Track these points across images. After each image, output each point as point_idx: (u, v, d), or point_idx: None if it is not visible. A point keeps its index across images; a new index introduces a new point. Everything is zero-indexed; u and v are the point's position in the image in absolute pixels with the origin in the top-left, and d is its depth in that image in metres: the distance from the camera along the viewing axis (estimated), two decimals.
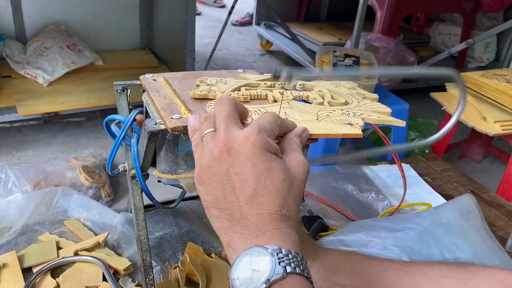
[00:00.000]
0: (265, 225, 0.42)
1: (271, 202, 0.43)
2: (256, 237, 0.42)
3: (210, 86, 0.68)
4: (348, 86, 0.77)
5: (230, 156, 0.45)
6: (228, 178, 0.44)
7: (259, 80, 0.73)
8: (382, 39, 2.80)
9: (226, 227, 0.44)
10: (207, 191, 0.46)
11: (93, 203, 1.00)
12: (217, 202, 0.45)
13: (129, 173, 0.73)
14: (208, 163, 0.46)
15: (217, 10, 5.09)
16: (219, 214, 0.45)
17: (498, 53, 3.37)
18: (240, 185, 0.44)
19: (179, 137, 0.67)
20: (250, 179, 0.44)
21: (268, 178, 0.44)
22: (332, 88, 0.74)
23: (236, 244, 0.42)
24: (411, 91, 2.91)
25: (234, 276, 0.40)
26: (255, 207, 0.43)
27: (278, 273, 0.39)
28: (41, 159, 2.01)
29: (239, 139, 0.45)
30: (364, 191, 1.17)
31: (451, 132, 2.04)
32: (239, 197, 0.43)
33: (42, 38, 2.41)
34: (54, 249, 0.86)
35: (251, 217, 0.43)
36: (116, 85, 0.78)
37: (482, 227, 0.90)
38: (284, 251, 0.40)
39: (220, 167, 0.45)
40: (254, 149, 0.45)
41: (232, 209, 0.44)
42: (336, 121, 0.62)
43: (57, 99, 2.16)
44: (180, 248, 0.90)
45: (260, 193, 0.43)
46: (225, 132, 0.46)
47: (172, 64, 2.63)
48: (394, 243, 0.79)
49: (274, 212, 0.43)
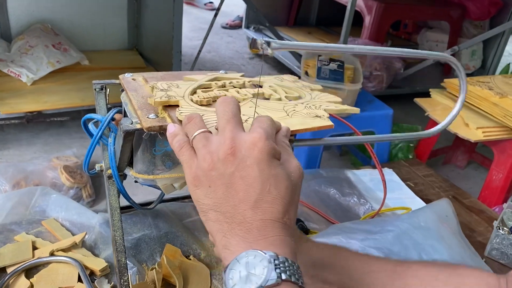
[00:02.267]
0: (267, 231, 0.43)
1: (275, 209, 0.44)
2: (256, 242, 0.42)
3: (166, 91, 0.65)
4: (291, 79, 0.77)
5: (236, 160, 0.44)
6: (233, 181, 0.44)
7: (208, 81, 0.72)
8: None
9: (224, 230, 0.43)
10: (206, 193, 0.45)
11: (72, 203, 0.99)
12: (217, 205, 0.44)
13: (106, 173, 0.72)
14: (210, 165, 0.44)
15: (207, 12, 5.08)
16: (217, 217, 0.44)
17: (484, 61, 3.41)
18: (245, 189, 0.43)
19: (156, 137, 0.66)
20: (256, 184, 0.43)
21: (273, 184, 0.44)
22: (278, 82, 0.75)
23: (234, 246, 0.42)
24: (396, 97, 2.93)
25: (229, 276, 0.40)
26: (259, 212, 0.43)
27: (273, 278, 0.39)
28: (23, 158, 1.98)
29: (246, 143, 0.45)
30: (346, 195, 1.17)
31: (435, 138, 2.06)
32: (243, 201, 0.43)
33: (28, 36, 2.39)
34: (29, 249, 0.84)
35: (254, 222, 0.43)
36: (95, 84, 0.78)
37: (458, 232, 0.91)
38: (281, 258, 0.41)
39: (225, 170, 0.44)
40: (262, 155, 0.44)
41: (233, 212, 0.43)
42: (304, 115, 0.62)
43: (40, 98, 2.13)
44: (158, 249, 0.89)
45: (265, 199, 0.43)
46: (231, 134, 0.45)
47: (159, 65, 2.61)
48: (373, 245, 0.79)
49: (276, 220, 0.43)
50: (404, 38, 3.86)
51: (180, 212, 1.01)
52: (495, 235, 0.98)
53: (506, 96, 1.69)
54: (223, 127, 0.47)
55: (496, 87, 1.77)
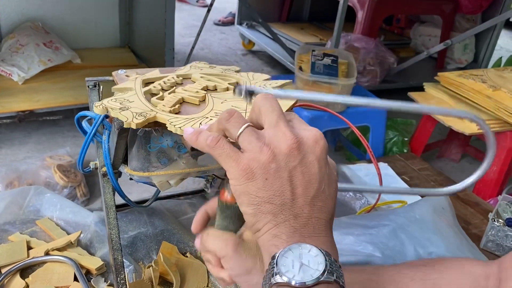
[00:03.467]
0: (321, 230, 0.43)
1: (327, 209, 0.44)
2: (310, 237, 0.42)
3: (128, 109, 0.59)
4: (206, 66, 0.79)
5: (300, 154, 0.44)
6: (294, 175, 0.43)
7: (144, 86, 0.68)
8: (362, 39, 2.82)
9: (278, 221, 0.43)
10: (261, 186, 0.43)
11: (66, 202, 0.98)
12: (273, 198, 0.43)
13: (100, 171, 0.72)
14: (270, 157, 0.43)
15: (200, 9, 5.06)
16: (272, 208, 0.43)
17: (477, 55, 3.42)
18: (305, 184, 0.43)
19: (151, 134, 0.66)
20: (315, 180, 0.44)
21: (327, 184, 0.44)
22: (206, 71, 0.75)
23: (288, 236, 0.42)
24: (390, 92, 2.94)
25: (281, 262, 0.41)
26: (315, 209, 0.43)
27: (329, 277, 0.40)
28: (15, 158, 1.96)
29: (309, 139, 0.44)
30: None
31: (429, 132, 2.07)
32: (301, 196, 0.43)
33: (18, 35, 2.36)
34: (24, 249, 0.84)
35: (311, 218, 0.43)
36: (88, 81, 0.77)
37: (455, 224, 0.91)
38: (333, 259, 0.42)
39: (286, 164, 0.43)
40: (322, 152, 0.45)
41: (291, 205, 0.43)
42: None
43: (32, 97, 2.11)
44: (155, 247, 0.88)
45: (320, 197, 0.44)
46: (289, 128, 0.45)
47: (152, 62, 2.60)
48: (368, 240, 0.79)
49: (327, 220, 0.44)
50: (397, 33, 3.86)
51: (176, 210, 1.01)
52: (491, 227, 0.99)
53: (499, 89, 1.70)
54: (276, 121, 0.45)
55: (489, 80, 1.77)
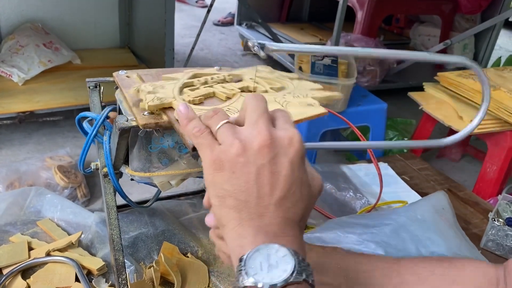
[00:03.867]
0: (288, 230, 0.43)
1: (296, 211, 0.44)
2: (276, 237, 0.42)
3: (154, 93, 0.63)
4: (266, 70, 0.77)
5: (270, 153, 0.43)
6: (261, 173, 0.43)
7: (189, 78, 0.70)
8: (362, 39, 2.82)
9: (242, 218, 0.43)
10: (227, 179, 0.44)
11: (67, 203, 0.98)
12: (238, 193, 0.43)
13: (101, 171, 0.72)
14: (239, 151, 0.43)
15: (199, 10, 5.07)
16: (237, 204, 0.43)
17: (476, 54, 3.43)
18: (272, 184, 0.43)
19: (152, 134, 0.66)
20: (285, 182, 0.43)
21: (299, 187, 0.44)
22: (257, 74, 0.74)
23: (253, 236, 0.42)
24: (390, 91, 2.94)
25: (250, 264, 0.40)
26: (282, 210, 0.43)
27: (298, 277, 0.39)
28: (15, 158, 1.97)
29: (283, 140, 0.44)
30: (342, 189, 1.17)
31: (429, 132, 2.07)
32: (268, 195, 0.43)
33: (18, 36, 2.36)
34: (25, 250, 0.84)
35: (276, 217, 0.43)
36: (89, 82, 0.77)
37: (455, 224, 0.91)
38: (301, 258, 0.41)
39: (255, 160, 0.43)
40: (296, 155, 0.44)
41: (255, 203, 0.43)
42: (297, 104, 0.61)
43: (32, 97, 2.12)
44: (156, 247, 0.88)
45: (289, 199, 0.43)
46: (266, 127, 0.45)
47: (152, 63, 2.60)
48: (370, 238, 0.80)
49: (296, 221, 0.44)
50: (396, 32, 3.86)
51: (177, 210, 1.01)
52: (491, 227, 0.99)
53: (499, 89, 1.70)
54: (256, 120, 0.46)
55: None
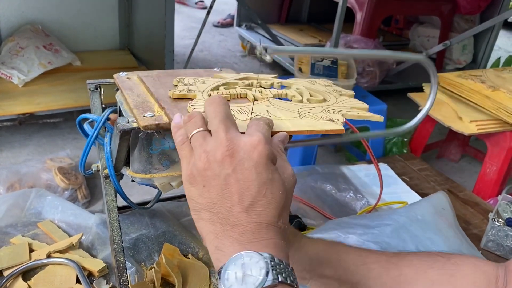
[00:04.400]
0: (262, 234, 0.43)
1: (270, 213, 0.44)
2: (250, 244, 0.42)
3: (188, 86, 0.67)
4: (324, 83, 0.77)
5: (234, 162, 0.44)
6: (228, 183, 0.43)
7: (237, 79, 0.73)
8: (361, 40, 2.82)
9: (217, 231, 0.43)
10: (200, 193, 0.44)
11: (67, 205, 0.99)
12: (211, 206, 0.44)
13: (102, 173, 0.72)
14: (205, 165, 0.44)
15: (198, 11, 5.07)
16: (210, 217, 0.44)
17: (475, 55, 3.43)
18: (240, 192, 0.43)
19: (153, 136, 0.66)
20: (253, 187, 0.43)
21: (269, 189, 0.44)
22: (309, 85, 0.74)
23: (228, 247, 0.42)
24: (390, 92, 2.94)
25: (225, 277, 0.40)
26: (254, 215, 0.43)
27: (270, 280, 0.39)
28: (16, 160, 1.97)
29: (246, 145, 0.44)
30: (343, 190, 1.17)
31: (429, 132, 2.07)
32: (237, 204, 0.43)
33: (18, 38, 2.37)
34: (26, 252, 0.84)
35: (249, 224, 0.43)
36: (89, 84, 0.77)
37: (455, 224, 0.91)
38: (277, 260, 0.41)
39: (220, 171, 0.44)
40: (261, 159, 0.44)
41: (227, 214, 0.43)
42: (318, 117, 0.62)
43: (32, 99, 2.12)
44: (156, 249, 0.89)
45: (260, 202, 0.43)
46: (227, 134, 0.45)
47: (152, 64, 2.60)
48: (371, 239, 0.80)
49: (270, 223, 0.43)
50: (396, 33, 3.87)
51: (177, 211, 1.01)
52: (491, 227, 0.99)
53: (498, 89, 1.70)
54: (217, 127, 0.46)
55: (488, 80, 1.78)
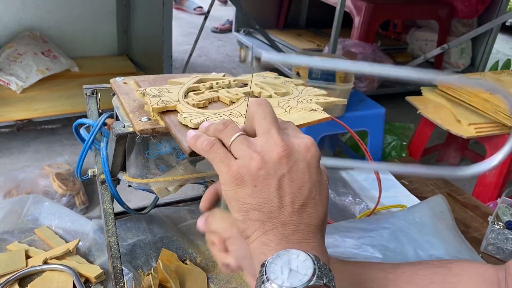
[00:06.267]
0: (310, 236, 0.43)
1: (318, 215, 0.44)
2: (299, 244, 0.42)
3: (159, 97, 0.64)
4: (271, 75, 0.78)
5: (289, 162, 0.44)
6: (283, 183, 0.44)
7: (195, 83, 0.71)
8: (359, 45, 2.83)
9: (266, 229, 0.43)
10: (250, 193, 0.44)
11: (65, 211, 0.98)
12: (262, 205, 0.44)
13: (99, 178, 0.72)
14: (260, 165, 0.44)
15: (197, 17, 5.08)
16: (260, 216, 0.44)
17: (473, 59, 3.44)
18: (293, 192, 0.44)
19: (149, 140, 0.66)
20: (305, 188, 0.44)
21: (318, 191, 0.45)
22: (262, 79, 0.75)
23: (276, 243, 0.43)
24: (388, 96, 2.95)
25: (270, 269, 0.40)
26: (305, 216, 0.44)
27: (318, 281, 0.40)
28: (13, 167, 1.96)
29: (300, 147, 0.45)
30: (342, 194, 1.17)
31: (428, 136, 2.07)
32: (290, 204, 0.43)
33: (16, 44, 2.37)
34: (22, 258, 0.83)
35: (300, 225, 0.43)
36: (86, 89, 0.77)
37: (454, 228, 0.91)
38: (322, 263, 0.41)
39: (275, 171, 0.44)
40: (313, 160, 0.45)
41: (278, 213, 0.43)
42: (301, 109, 0.62)
43: (30, 105, 2.12)
44: (154, 255, 0.88)
45: (310, 204, 0.44)
46: (280, 136, 0.45)
47: (150, 70, 2.60)
48: (368, 242, 0.79)
49: (318, 226, 0.44)
50: (394, 38, 3.88)
51: (175, 217, 1.01)
52: (491, 230, 0.99)
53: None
54: (268, 129, 0.46)
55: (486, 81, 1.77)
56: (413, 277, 0.59)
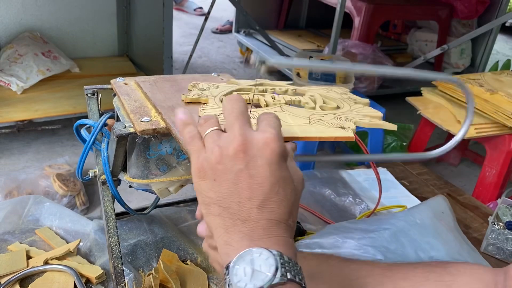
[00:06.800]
0: (272, 231, 0.43)
1: (281, 210, 0.44)
2: (261, 240, 0.42)
3: (202, 90, 0.67)
4: (339, 91, 0.76)
5: (246, 157, 0.43)
6: (240, 178, 0.43)
7: (251, 85, 0.72)
8: (359, 45, 2.83)
9: (227, 225, 0.43)
10: (210, 187, 0.44)
11: (65, 211, 0.98)
12: (221, 200, 0.43)
13: (100, 179, 0.72)
14: (218, 159, 0.44)
15: (197, 18, 5.08)
16: (220, 211, 0.43)
17: (473, 59, 3.44)
18: (252, 188, 0.43)
19: (150, 141, 0.66)
20: (265, 184, 0.43)
21: (282, 186, 0.44)
22: (324, 93, 0.73)
23: (237, 242, 0.42)
24: (388, 97, 2.95)
25: (233, 272, 0.40)
26: (266, 212, 0.43)
27: (279, 277, 0.39)
28: (14, 168, 1.96)
29: (258, 142, 0.44)
30: (342, 195, 1.17)
31: (428, 136, 2.07)
32: (249, 199, 0.43)
33: (16, 45, 2.37)
34: (23, 259, 0.83)
35: (260, 220, 0.42)
36: (87, 89, 0.77)
37: (455, 228, 0.91)
38: (286, 258, 0.41)
39: (232, 166, 0.43)
40: (274, 156, 0.44)
41: (238, 209, 0.43)
42: (328, 124, 0.61)
43: (31, 106, 2.12)
44: (155, 255, 0.88)
45: (272, 199, 0.43)
46: (240, 131, 0.45)
47: (150, 71, 2.61)
48: (369, 243, 0.79)
49: (281, 221, 0.43)
50: (394, 38, 3.88)
51: (176, 217, 1.01)
52: (491, 231, 0.99)
53: (496, 93, 1.70)
54: (232, 123, 0.46)
55: (487, 84, 1.78)
56: (409, 274, 0.59)
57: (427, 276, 0.58)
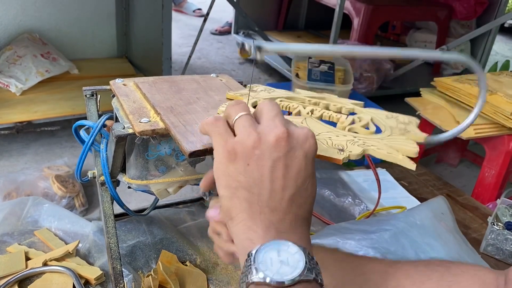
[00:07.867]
0: (297, 226, 0.43)
1: (307, 207, 0.44)
2: (287, 233, 0.42)
3: (255, 92, 0.68)
4: (404, 120, 0.66)
5: (287, 147, 0.43)
6: (277, 166, 0.43)
7: (308, 96, 0.68)
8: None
9: (253, 211, 0.42)
10: (242, 171, 0.43)
11: (64, 212, 0.98)
12: (251, 185, 0.43)
13: (99, 180, 0.72)
14: (256, 144, 0.43)
15: (196, 19, 5.08)
16: (249, 196, 0.43)
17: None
18: (286, 178, 0.43)
19: (149, 142, 0.66)
20: (299, 177, 0.43)
21: (311, 182, 0.44)
22: (382, 117, 0.65)
23: (264, 230, 0.42)
24: (387, 97, 2.95)
25: (260, 259, 0.39)
26: (294, 206, 0.43)
27: (308, 275, 0.39)
28: (13, 169, 1.96)
29: (299, 135, 0.44)
30: (341, 195, 1.17)
31: None
32: (282, 189, 0.42)
33: (15, 46, 2.37)
34: (22, 260, 0.83)
35: (289, 213, 0.42)
36: (85, 90, 0.77)
37: (455, 229, 0.91)
38: (310, 256, 0.41)
39: (270, 153, 0.43)
40: (311, 151, 0.44)
41: (268, 197, 0.42)
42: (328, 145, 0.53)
43: (30, 108, 2.11)
44: (154, 256, 0.88)
45: (302, 194, 0.43)
46: (282, 122, 0.45)
47: (150, 72, 2.60)
48: (370, 244, 0.79)
49: (306, 217, 0.44)
50: (393, 39, 3.88)
51: (175, 218, 1.01)
52: (490, 231, 0.99)
53: (495, 93, 1.70)
54: (273, 116, 0.46)
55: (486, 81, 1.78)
56: (411, 272, 0.59)
57: (430, 275, 0.58)
